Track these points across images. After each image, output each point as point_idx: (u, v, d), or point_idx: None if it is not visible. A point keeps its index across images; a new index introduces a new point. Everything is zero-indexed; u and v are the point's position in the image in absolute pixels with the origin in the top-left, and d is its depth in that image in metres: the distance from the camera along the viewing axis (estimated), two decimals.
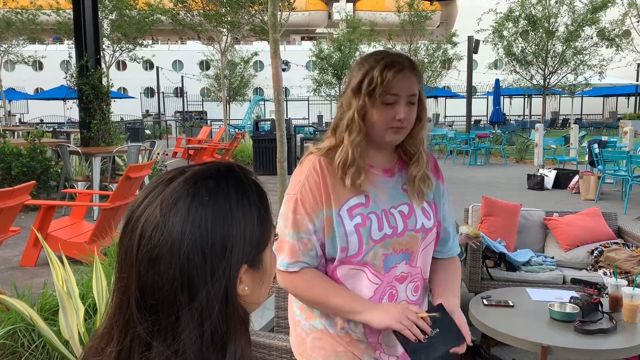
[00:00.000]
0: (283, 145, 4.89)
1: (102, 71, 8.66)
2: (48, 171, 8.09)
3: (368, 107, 1.39)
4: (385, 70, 1.37)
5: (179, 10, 17.12)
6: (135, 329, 0.65)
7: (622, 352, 2.44)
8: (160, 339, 0.65)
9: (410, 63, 1.41)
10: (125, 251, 0.68)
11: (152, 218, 0.66)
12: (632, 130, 12.33)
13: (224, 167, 0.73)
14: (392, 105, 1.38)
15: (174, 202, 0.67)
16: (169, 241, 0.65)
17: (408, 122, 1.40)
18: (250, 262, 0.71)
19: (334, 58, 23.75)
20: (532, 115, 31.33)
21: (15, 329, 2.73)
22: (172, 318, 0.65)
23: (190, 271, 0.65)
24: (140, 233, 0.66)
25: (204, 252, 0.65)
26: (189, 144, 15.07)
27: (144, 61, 23.92)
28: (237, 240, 0.68)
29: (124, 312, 0.67)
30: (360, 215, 1.39)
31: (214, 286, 0.66)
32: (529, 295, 3.05)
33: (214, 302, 0.65)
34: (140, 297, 0.65)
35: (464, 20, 30.79)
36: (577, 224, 4.20)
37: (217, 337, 0.66)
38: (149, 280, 0.65)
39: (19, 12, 21.35)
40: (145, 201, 0.69)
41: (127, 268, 0.67)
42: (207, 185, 0.69)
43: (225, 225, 0.67)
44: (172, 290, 0.64)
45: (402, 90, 1.38)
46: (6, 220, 3.73)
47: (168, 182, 0.70)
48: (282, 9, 9.91)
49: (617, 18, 17.82)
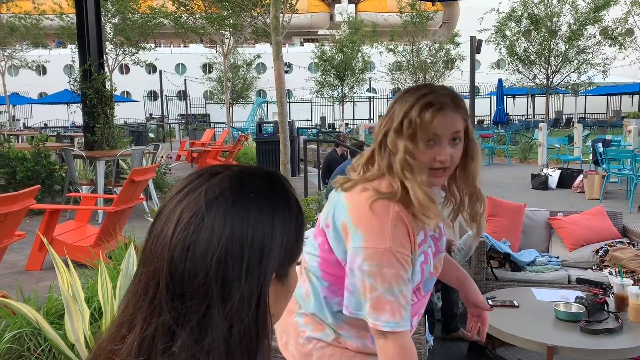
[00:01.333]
0: (286, 147, 4.90)
1: (106, 75, 8.68)
2: (52, 175, 8.12)
3: (412, 149, 1.31)
4: (424, 111, 1.29)
5: (181, 13, 17.16)
6: (161, 317, 0.62)
7: (628, 352, 2.43)
8: (187, 330, 0.62)
9: (453, 99, 1.33)
10: (157, 235, 0.65)
11: (193, 204, 0.64)
12: (636, 129, 12.29)
13: (270, 172, 0.72)
14: (433, 145, 1.31)
15: (220, 192, 0.65)
16: (208, 229, 0.63)
17: (451, 162, 1.34)
18: (279, 272, 0.69)
19: (337, 59, 23.76)
20: (536, 115, 31.26)
21: (21, 333, 2.74)
22: (202, 311, 0.62)
23: (226, 265, 0.63)
24: (179, 218, 0.64)
25: (242, 248, 0.64)
26: (193, 146, 15.09)
27: (147, 65, 23.95)
28: (275, 244, 0.67)
29: (152, 297, 0.64)
30: (423, 254, 1.39)
31: (249, 287, 0.64)
32: (534, 296, 3.04)
33: (247, 304, 0.63)
34: (171, 283, 0.63)
35: (466, 20, 30.74)
36: (582, 224, 4.19)
37: (245, 341, 0.64)
38: (182, 266, 0.63)
39: (22, 17, 21.45)
40: (186, 188, 0.67)
41: (159, 252, 0.64)
42: (254, 183, 0.68)
43: (267, 226, 0.66)
44: (205, 280, 0.62)
45: (443, 130, 1.30)
46: (11, 224, 3.74)
47: (213, 174, 0.68)
48: (284, 11, 9.93)
49: (620, 16, 17.79)
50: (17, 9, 21.31)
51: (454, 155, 1.33)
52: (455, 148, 1.33)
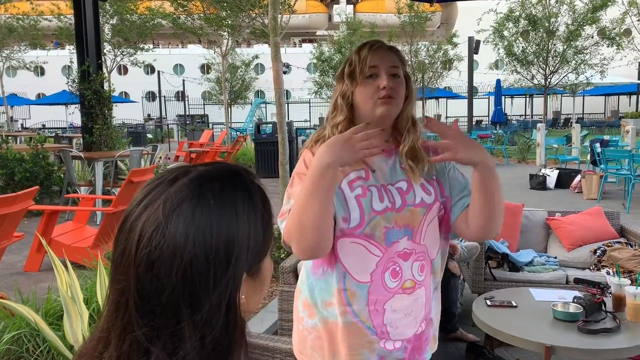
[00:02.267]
0: (285, 148, 4.90)
1: (104, 76, 8.67)
2: (51, 176, 8.11)
3: (352, 89, 1.44)
4: (361, 50, 1.46)
5: (179, 14, 17.15)
6: (134, 334, 0.62)
7: (625, 352, 2.44)
8: (160, 346, 0.62)
9: (389, 45, 1.49)
10: (122, 251, 0.64)
11: (153, 218, 0.63)
12: (634, 129, 12.33)
13: (230, 169, 0.70)
14: (374, 78, 1.42)
15: (177, 203, 0.63)
16: (171, 244, 0.61)
17: (395, 92, 1.42)
18: (250, 271, 0.68)
19: (335, 60, 23.78)
20: (534, 115, 31.29)
21: (20, 334, 2.74)
22: (172, 325, 0.62)
23: (193, 278, 0.62)
24: (140, 233, 0.63)
25: (207, 258, 0.62)
26: (191, 147, 15.08)
27: (145, 65, 23.91)
28: (242, 248, 0.65)
29: (122, 315, 0.63)
30: (360, 187, 1.41)
31: (218, 296, 0.63)
32: (532, 296, 3.05)
33: (217, 312, 0.63)
34: (139, 301, 0.62)
35: (464, 21, 30.79)
36: (580, 224, 4.20)
37: (218, 348, 0.63)
38: (148, 284, 0.62)
39: (20, 18, 21.42)
40: (145, 200, 0.65)
41: (125, 269, 0.63)
42: (213, 188, 0.66)
43: (230, 231, 0.64)
44: (173, 296, 0.61)
45: (380, 62, 1.42)
46: (10, 225, 3.74)
47: (171, 181, 0.66)
48: (283, 12, 9.94)
49: (617, 17, 17.83)
50: (15, 9, 21.28)
51: (396, 87, 1.42)
52: (396, 82, 1.43)
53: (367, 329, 1.42)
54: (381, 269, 1.41)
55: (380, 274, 1.41)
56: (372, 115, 1.42)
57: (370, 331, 1.43)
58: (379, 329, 1.43)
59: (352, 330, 1.43)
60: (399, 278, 1.42)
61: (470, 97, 18.86)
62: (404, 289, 1.43)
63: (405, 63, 1.49)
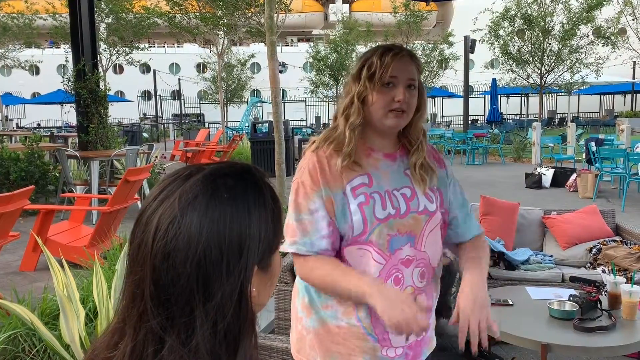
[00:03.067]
0: (281, 147, 4.90)
1: (99, 75, 8.65)
2: (46, 175, 8.08)
3: (368, 91, 1.42)
4: (384, 55, 1.42)
5: (175, 13, 17.11)
6: (149, 323, 0.65)
7: (621, 349, 2.45)
8: (174, 335, 0.65)
9: (410, 52, 1.46)
10: (139, 244, 0.68)
11: (169, 212, 0.66)
12: (628, 128, 12.38)
13: (242, 167, 0.74)
14: (391, 87, 1.41)
15: (192, 197, 0.67)
16: (186, 236, 0.65)
17: (408, 106, 1.42)
18: (261, 264, 0.71)
19: (331, 59, 23.74)
20: (529, 114, 31.38)
21: (16, 333, 2.73)
22: (186, 314, 0.65)
23: (206, 268, 0.65)
24: (156, 226, 0.66)
25: (221, 250, 0.66)
26: (187, 146, 15.06)
27: (141, 64, 23.90)
28: (253, 240, 0.69)
29: (138, 305, 0.66)
30: (363, 195, 1.41)
31: (230, 285, 0.66)
32: (528, 294, 3.06)
33: (229, 301, 0.66)
34: (155, 291, 0.65)
35: (460, 20, 30.81)
36: (575, 222, 4.22)
37: (229, 337, 0.66)
38: (164, 274, 0.65)
39: (15, 16, 21.31)
40: (161, 195, 0.69)
41: (141, 261, 0.67)
42: (226, 184, 0.69)
43: (242, 224, 0.68)
44: (187, 285, 0.65)
45: (400, 73, 1.41)
46: (5, 225, 3.73)
47: (186, 177, 0.70)
48: (279, 10, 9.92)
49: (612, 16, 17.88)
50: (10, 8, 21.19)
51: (410, 101, 1.42)
52: (411, 95, 1.43)
53: (369, 335, 1.44)
54: (384, 276, 1.42)
55: (383, 281, 1.42)
56: (381, 123, 1.44)
57: (372, 337, 1.44)
58: (381, 336, 1.44)
59: (353, 334, 1.44)
60: (401, 285, 1.44)
61: (466, 96, 18.86)
62: None
63: (421, 71, 1.48)
